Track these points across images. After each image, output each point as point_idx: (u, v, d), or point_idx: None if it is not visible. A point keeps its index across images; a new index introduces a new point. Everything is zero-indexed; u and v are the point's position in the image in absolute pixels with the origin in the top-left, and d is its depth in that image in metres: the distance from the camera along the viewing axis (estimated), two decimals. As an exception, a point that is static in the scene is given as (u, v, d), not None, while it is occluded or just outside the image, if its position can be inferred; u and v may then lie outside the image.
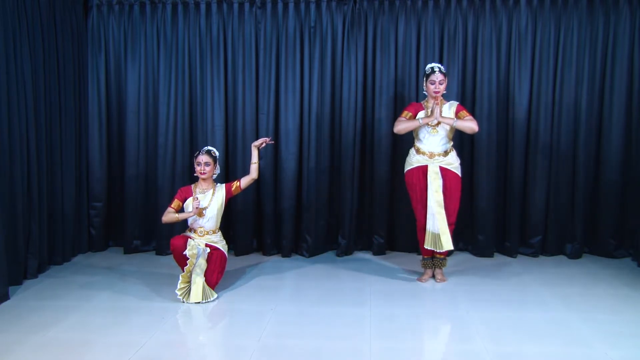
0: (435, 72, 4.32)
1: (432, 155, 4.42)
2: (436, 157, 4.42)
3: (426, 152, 4.43)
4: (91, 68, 5.36)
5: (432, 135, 4.39)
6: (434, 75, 4.32)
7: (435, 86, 4.32)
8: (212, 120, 5.27)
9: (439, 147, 4.41)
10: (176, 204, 4.26)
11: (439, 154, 4.42)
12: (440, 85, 4.33)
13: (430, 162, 4.41)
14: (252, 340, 3.37)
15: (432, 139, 4.40)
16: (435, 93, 4.33)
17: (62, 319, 3.69)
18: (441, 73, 4.34)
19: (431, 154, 4.42)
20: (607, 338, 3.40)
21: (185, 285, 4.05)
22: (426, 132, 4.40)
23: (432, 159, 4.42)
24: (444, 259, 4.52)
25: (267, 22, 5.25)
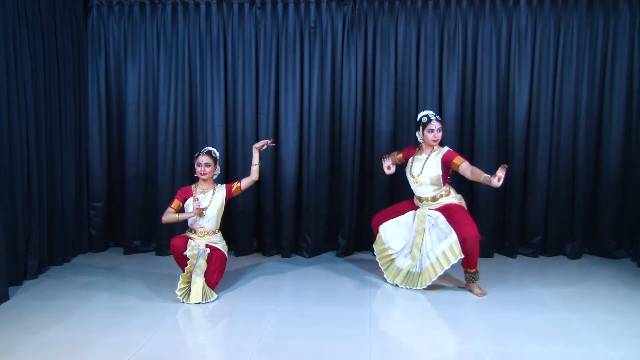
0: (432, 120, 4.32)
1: (421, 199, 4.44)
2: (424, 202, 4.42)
3: (416, 196, 4.48)
4: (91, 68, 5.36)
5: (416, 185, 4.41)
6: (432, 124, 4.30)
7: (434, 134, 4.31)
8: (212, 120, 5.28)
9: (426, 194, 4.40)
10: (176, 204, 4.27)
11: (426, 199, 4.41)
12: (439, 133, 4.33)
13: (420, 204, 4.45)
14: (252, 341, 3.38)
15: (417, 188, 4.42)
16: (434, 141, 4.34)
17: (62, 319, 3.69)
18: (437, 121, 4.34)
19: (419, 198, 4.45)
20: (607, 338, 3.41)
21: (185, 285, 4.05)
22: (411, 181, 4.45)
23: (421, 202, 4.44)
24: (475, 273, 4.27)
25: (267, 22, 5.25)
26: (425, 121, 4.34)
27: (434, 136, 4.32)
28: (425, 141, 4.38)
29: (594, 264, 5.09)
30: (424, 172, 4.34)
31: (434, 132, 4.32)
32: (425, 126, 4.33)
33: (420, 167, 4.36)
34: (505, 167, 3.88)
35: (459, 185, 4.90)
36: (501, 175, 3.84)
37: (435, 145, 4.37)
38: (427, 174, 4.33)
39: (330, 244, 5.52)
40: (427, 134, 4.33)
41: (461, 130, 5.26)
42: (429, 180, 4.33)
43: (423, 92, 5.22)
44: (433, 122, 4.31)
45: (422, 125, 4.36)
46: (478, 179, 4.05)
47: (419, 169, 4.37)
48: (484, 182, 3.99)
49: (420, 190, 4.41)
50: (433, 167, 4.33)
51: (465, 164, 4.20)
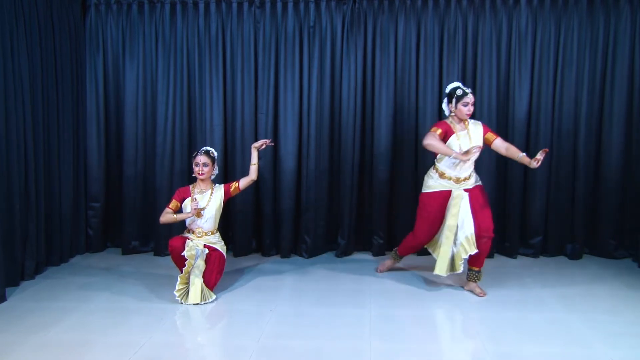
0: (468, 93, 4.17)
1: (459, 181, 4.24)
2: (462, 182, 4.25)
3: (452, 177, 4.24)
4: (89, 67, 5.37)
5: (464, 163, 4.18)
6: (467, 97, 4.16)
7: (468, 108, 4.17)
8: (210, 120, 5.28)
9: (466, 171, 4.24)
10: (174, 205, 4.26)
11: (465, 179, 4.25)
12: (472, 107, 4.22)
13: (455, 186, 4.24)
14: (251, 341, 3.38)
15: (462, 166, 4.20)
16: (468, 115, 4.20)
17: (60, 319, 3.70)
18: (472, 93, 4.23)
19: (458, 179, 4.24)
20: (607, 339, 3.42)
21: (183, 286, 4.06)
22: (455, 160, 4.18)
23: (458, 184, 4.24)
24: (479, 272, 4.28)
25: (266, 21, 5.26)
26: (460, 94, 4.17)
27: (469, 109, 4.18)
28: (458, 115, 4.21)
29: (594, 264, 5.11)
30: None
31: (468, 105, 4.18)
32: (460, 99, 4.17)
33: (468, 143, 4.19)
34: (546, 151, 3.96)
35: None
36: (540, 158, 3.92)
37: (467, 119, 4.25)
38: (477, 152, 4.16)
39: (329, 245, 5.52)
40: (462, 107, 4.17)
41: (461, 130, 5.27)
42: (476, 155, 4.17)
43: (423, 91, 5.23)
44: (469, 95, 4.17)
45: (456, 98, 4.19)
46: (514, 156, 4.10)
47: (468, 144, 4.19)
48: (521, 161, 4.05)
49: (464, 168, 4.21)
50: (478, 139, 4.23)
51: (500, 140, 4.23)
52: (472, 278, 4.29)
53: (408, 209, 5.29)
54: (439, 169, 4.28)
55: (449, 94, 4.28)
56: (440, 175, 4.27)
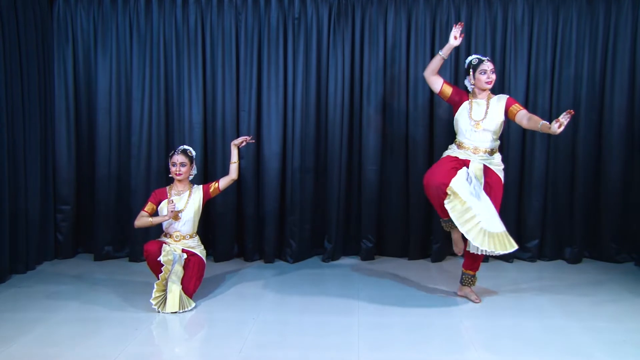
0: (485, 60, 4.12)
1: (477, 151, 4.14)
2: (481, 154, 4.13)
3: (470, 147, 4.15)
4: (57, 61, 5.29)
5: (475, 131, 4.12)
6: (484, 64, 4.10)
7: (487, 76, 4.08)
8: (189, 118, 5.23)
9: (484, 143, 4.14)
10: (150, 207, 4.24)
11: (484, 151, 4.14)
12: (493, 75, 4.11)
13: (473, 157, 4.12)
14: (232, 352, 3.35)
15: (475, 135, 4.13)
16: (488, 84, 4.11)
17: (25, 332, 3.62)
18: (490, 61, 4.15)
19: (475, 149, 4.14)
20: (608, 347, 3.42)
21: (160, 294, 4.01)
22: (469, 126, 4.13)
23: (476, 154, 4.14)
24: (474, 277, 4.24)
25: (248, 13, 5.22)
26: (476, 62, 4.12)
27: (488, 77, 4.09)
28: (478, 85, 4.14)
29: (594, 268, 5.13)
30: (488, 117, 4.11)
31: (487, 72, 4.09)
32: (477, 67, 4.11)
33: (483, 112, 4.12)
34: (571, 112, 3.75)
35: None
36: (564, 121, 3.72)
37: (488, 89, 4.15)
38: (491, 120, 4.11)
39: (315, 249, 5.50)
40: (480, 76, 4.09)
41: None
42: (493, 126, 4.11)
43: (414, 87, 5.23)
44: (485, 62, 4.11)
45: (473, 67, 4.14)
46: (535, 126, 3.93)
47: (482, 113, 4.12)
48: (542, 130, 3.91)
49: (478, 138, 4.12)
50: (497, 113, 4.13)
51: (523, 111, 4.12)
52: (467, 283, 4.26)
53: (398, 210, 5.29)
54: (457, 140, 4.24)
55: (466, 68, 4.26)
56: (459, 145, 4.21)
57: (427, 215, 5.28)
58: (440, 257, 5.32)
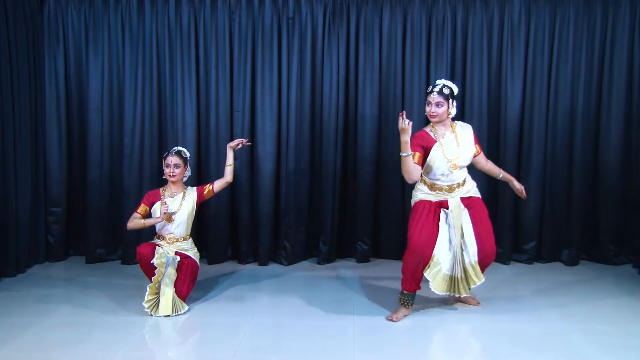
0: (433, 92, 3.90)
1: (452, 189, 3.97)
2: (455, 190, 3.97)
3: (444, 187, 3.95)
4: (48, 61, 5.26)
5: (451, 172, 3.92)
6: (430, 96, 3.91)
7: (430, 108, 3.91)
8: (182, 118, 5.22)
9: (459, 178, 3.98)
10: (143, 209, 4.24)
11: (458, 186, 3.98)
12: (437, 108, 3.88)
13: (450, 195, 3.97)
14: (226, 356, 3.34)
15: (450, 176, 3.94)
16: (431, 117, 3.92)
17: (15, 337, 3.60)
18: (440, 94, 3.88)
19: (450, 187, 3.96)
20: (606, 351, 3.42)
21: (153, 297, 4.00)
22: (445, 169, 3.90)
23: (452, 192, 3.97)
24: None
25: (242, 12, 5.21)
26: (427, 92, 3.98)
27: (430, 111, 3.90)
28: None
29: (592, 270, 5.13)
30: (462, 154, 3.94)
31: (431, 105, 3.89)
32: (426, 98, 3.97)
33: (456, 149, 3.93)
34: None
35: None
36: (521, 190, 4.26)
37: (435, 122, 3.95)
38: (465, 155, 3.96)
39: (310, 251, 5.49)
40: (426, 108, 3.94)
41: (450, 129, 5.27)
42: (467, 161, 3.99)
43: (409, 87, 5.22)
44: (432, 94, 3.90)
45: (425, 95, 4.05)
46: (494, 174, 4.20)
47: (455, 150, 3.93)
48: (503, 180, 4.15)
49: (454, 177, 3.94)
50: (468, 145, 3.99)
51: (482, 156, 4.20)
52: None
53: (394, 212, 5.28)
54: (428, 181, 4.01)
55: None
56: (431, 187, 4.00)
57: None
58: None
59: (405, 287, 3.93)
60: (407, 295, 3.93)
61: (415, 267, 3.85)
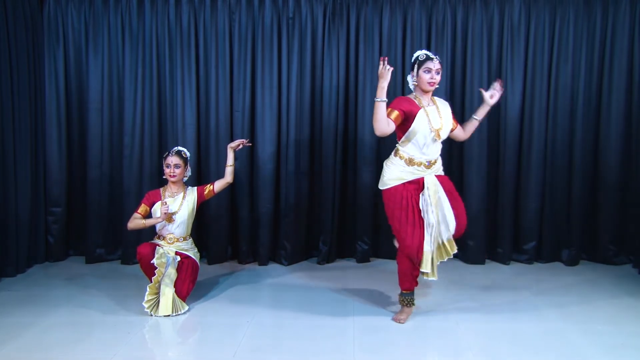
0: (433, 59, 3.75)
1: (430, 165, 3.84)
2: (432, 167, 3.85)
3: (423, 162, 3.81)
4: (48, 61, 5.25)
5: (435, 141, 3.81)
6: (432, 62, 3.73)
7: (431, 75, 3.73)
8: (182, 118, 5.21)
9: (438, 152, 3.89)
10: (143, 209, 4.24)
11: (434, 162, 3.87)
12: (437, 75, 3.76)
13: (427, 172, 3.83)
14: (226, 356, 3.34)
15: (432, 147, 3.82)
16: (430, 85, 3.75)
17: (15, 337, 3.59)
18: (439, 62, 3.80)
19: (429, 162, 3.84)
20: (607, 351, 3.42)
21: (153, 297, 4.00)
22: (429, 139, 3.77)
23: (429, 168, 3.85)
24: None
25: (242, 12, 5.21)
26: (423, 59, 3.75)
27: (431, 77, 3.74)
28: (420, 84, 3.78)
29: (592, 270, 5.13)
30: (444, 125, 3.83)
31: (431, 72, 3.74)
32: (422, 64, 3.75)
33: (439, 119, 3.81)
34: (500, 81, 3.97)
35: None
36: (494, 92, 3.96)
37: (431, 90, 3.82)
38: (446, 127, 3.85)
39: (310, 251, 5.49)
40: (423, 74, 3.74)
41: (450, 129, 5.27)
42: (447, 133, 3.87)
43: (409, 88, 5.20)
44: (434, 60, 3.75)
45: (418, 64, 3.77)
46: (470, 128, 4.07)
47: (438, 121, 3.81)
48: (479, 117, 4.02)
49: (435, 150, 3.84)
50: (449, 117, 3.90)
51: (460, 128, 4.09)
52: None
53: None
54: (405, 155, 3.82)
55: (412, 63, 3.87)
56: (409, 162, 3.82)
57: (423, 217, 5.27)
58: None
59: (405, 287, 3.91)
60: (407, 295, 3.92)
61: (412, 267, 3.84)
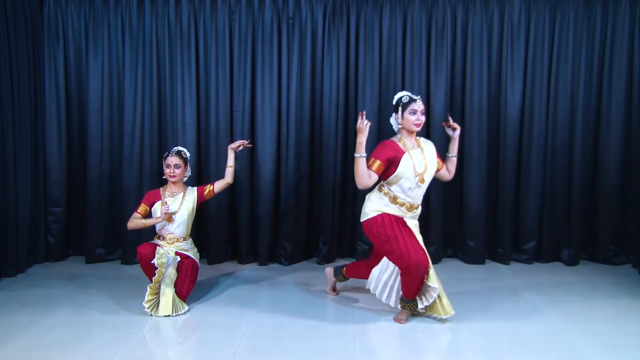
0: (417, 100, 3.80)
1: (412, 208, 3.88)
2: (415, 210, 3.90)
3: (405, 204, 3.83)
4: (48, 61, 5.25)
5: (419, 186, 3.83)
6: (416, 103, 3.79)
7: (416, 117, 3.78)
8: (182, 118, 5.21)
9: (420, 198, 3.91)
10: (143, 209, 4.24)
11: (417, 207, 3.91)
12: (422, 117, 3.80)
13: (408, 215, 3.86)
14: (226, 356, 3.33)
15: (416, 191, 3.84)
16: (417, 126, 3.79)
17: (14, 337, 3.59)
18: (422, 102, 3.86)
19: (411, 206, 3.86)
20: (607, 351, 3.41)
21: (153, 297, 3.99)
22: (413, 183, 3.78)
23: (411, 212, 3.88)
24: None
25: (242, 12, 5.21)
26: (407, 101, 3.79)
27: (417, 119, 3.78)
28: (405, 125, 3.81)
29: (592, 270, 5.13)
30: (428, 169, 3.85)
31: (417, 113, 3.78)
32: (407, 106, 3.78)
33: (423, 163, 3.83)
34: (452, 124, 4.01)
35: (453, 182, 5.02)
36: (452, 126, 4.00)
37: (416, 131, 3.85)
38: (431, 171, 3.88)
39: (310, 251, 5.50)
40: (409, 116, 3.77)
41: (450, 129, 5.26)
42: (431, 177, 3.89)
43: (409, 88, 5.21)
44: (417, 102, 3.80)
45: (402, 105, 3.80)
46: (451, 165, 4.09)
47: (422, 164, 3.83)
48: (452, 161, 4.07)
49: (419, 194, 3.86)
50: (434, 161, 3.91)
51: (444, 169, 4.10)
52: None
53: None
54: (390, 193, 3.84)
55: (394, 105, 3.92)
56: (392, 200, 3.83)
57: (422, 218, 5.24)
58: (436, 260, 5.31)
59: (409, 297, 3.85)
60: (410, 302, 3.88)
61: (421, 281, 3.76)
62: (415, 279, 3.71)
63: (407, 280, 3.75)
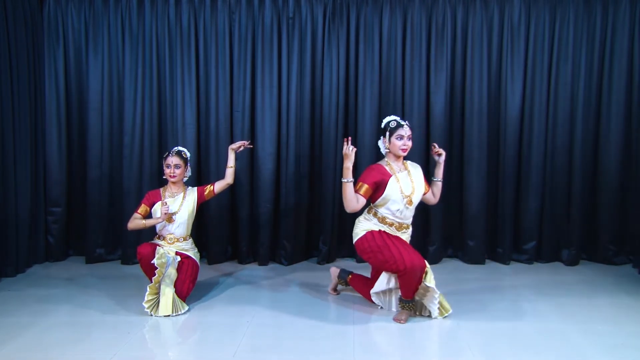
0: (404, 125, 3.90)
1: (402, 227, 3.98)
2: (405, 230, 4.00)
3: (394, 224, 3.95)
4: (48, 61, 5.25)
5: (405, 209, 3.92)
6: (403, 129, 3.89)
7: (403, 142, 3.88)
8: (182, 118, 5.21)
9: (410, 218, 4.01)
10: (143, 209, 4.24)
11: (407, 227, 4.01)
12: (409, 142, 3.91)
13: (397, 234, 3.95)
14: (226, 356, 3.33)
15: (405, 213, 3.94)
16: (403, 151, 3.90)
17: (14, 337, 3.58)
18: (409, 127, 3.95)
19: (400, 225, 3.97)
20: (607, 351, 3.41)
21: (153, 297, 3.99)
22: (402, 205, 3.88)
23: (400, 231, 3.97)
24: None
25: (242, 12, 5.21)
26: (394, 126, 3.91)
27: (404, 144, 3.89)
28: (392, 149, 3.93)
29: (592, 270, 5.13)
30: (416, 191, 3.96)
31: (403, 139, 3.89)
32: (394, 131, 3.90)
33: (410, 185, 3.95)
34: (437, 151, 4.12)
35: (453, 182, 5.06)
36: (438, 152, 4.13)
37: (402, 156, 3.98)
38: (418, 193, 3.98)
39: (310, 251, 5.49)
40: (396, 141, 3.88)
41: (450, 129, 5.27)
42: (419, 198, 3.99)
43: (409, 88, 5.22)
44: (404, 127, 3.91)
45: (390, 130, 3.92)
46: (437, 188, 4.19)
47: (410, 187, 3.94)
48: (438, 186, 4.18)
49: (407, 215, 3.97)
50: (420, 183, 4.02)
51: (430, 193, 4.16)
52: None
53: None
54: (379, 214, 3.95)
55: (382, 128, 4.03)
56: (381, 220, 3.95)
57: (422, 218, 5.26)
58: (436, 260, 5.31)
59: (408, 297, 3.87)
60: (409, 302, 3.89)
61: (418, 281, 3.80)
62: (413, 279, 3.76)
63: (405, 281, 3.79)
